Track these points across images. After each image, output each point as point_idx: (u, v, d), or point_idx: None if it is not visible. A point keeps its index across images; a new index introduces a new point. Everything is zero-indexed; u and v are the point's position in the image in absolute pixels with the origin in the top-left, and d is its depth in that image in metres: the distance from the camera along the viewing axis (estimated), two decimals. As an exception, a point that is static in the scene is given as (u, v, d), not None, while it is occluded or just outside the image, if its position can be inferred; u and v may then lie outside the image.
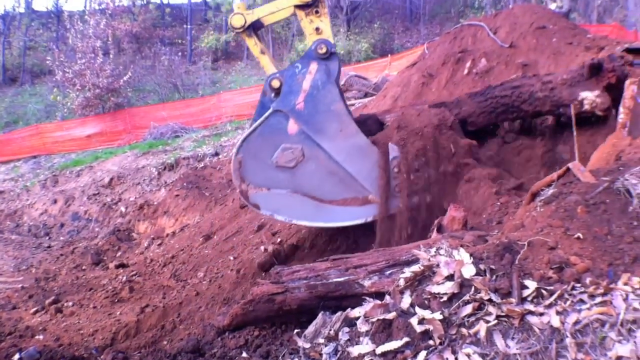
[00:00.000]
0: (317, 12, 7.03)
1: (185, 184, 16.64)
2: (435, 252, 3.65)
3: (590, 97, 6.26)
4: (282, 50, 43.85)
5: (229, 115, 29.52)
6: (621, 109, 5.44)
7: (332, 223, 6.96)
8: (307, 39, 7.17)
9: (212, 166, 18.80)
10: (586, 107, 6.36)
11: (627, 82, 5.50)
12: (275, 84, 6.86)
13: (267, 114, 6.74)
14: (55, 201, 20.99)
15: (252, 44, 7.34)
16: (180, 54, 43.58)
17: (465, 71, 10.38)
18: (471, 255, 3.41)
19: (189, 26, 51.05)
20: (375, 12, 49.14)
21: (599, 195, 3.62)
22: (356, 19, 43.89)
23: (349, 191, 6.70)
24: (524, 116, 7.25)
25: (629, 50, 8.14)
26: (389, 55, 31.35)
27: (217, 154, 20.71)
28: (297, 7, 7.06)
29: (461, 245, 3.71)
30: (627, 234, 3.32)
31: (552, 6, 17.27)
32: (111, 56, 34.59)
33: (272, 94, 6.95)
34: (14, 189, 23.74)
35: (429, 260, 3.53)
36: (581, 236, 3.35)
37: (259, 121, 6.78)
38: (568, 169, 4.06)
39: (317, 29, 6.99)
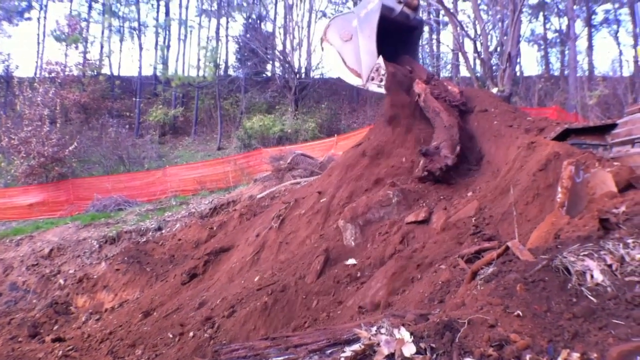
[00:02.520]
0: None
1: (126, 258, 16.29)
2: (376, 330, 3.60)
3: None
4: (230, 127, 44.12)
5: (174, 189, 29.34)
6: (559, 189, 5.56)
7: (342, 75, 12.80)
8: None
9: (155, 241, 18.50)
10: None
11: (565, 163, 5.64)
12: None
13: (351, 10, 13.71)
14: (-8, 270, 20.33)
15: None
16: (127, 126, 43.41)
17: (409, 150, 10.61)
18: (412, 333, 3.36)
19: (137, 99, 51.04)
20: (322, 93, 50.05)
21: (538, 273, 3.66)
22: (304, 99, 44.52)
23: (356, 65, 12.41)
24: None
25: (568, 131, 8.42)
26: (336, 135, 31.76)
27: (160, 229, 20.44)
28: None
29: (402, 324, 3.67)
30: (567, 311, 3.34)
31: (494, 90, 17.86)
32: (58, 125, 34.14)
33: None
34: (-49, 257, 22.94)
35: (369, 339, 3.47)
36: (521, 314, 3.36)
37: (347, 12, 14.02)
38: (507, 248, 4.09)
39: None
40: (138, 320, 11.23)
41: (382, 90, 12.03)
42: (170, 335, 9.27)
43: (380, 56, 12.08)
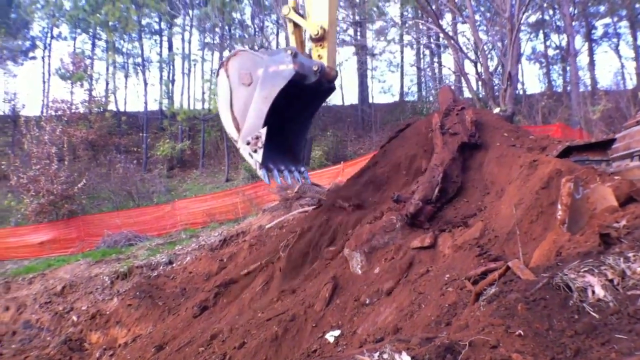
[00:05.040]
0: (321, 45, 11.07)
1: (138, 293, 16.32)
2: (378, 356, 3.60)
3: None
4: (237, 158, 44.23)
5: (184, 223, 29.40)
6: (559, 206, 5.56)
7: (222, 117, 11.26)
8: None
9: (166, 275, 18.53)
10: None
11: (563, 180, 5.65)
12: (289, 52, 10.36)
13: (262, 55, 10.88)
14: (7, 308, 20.35)
15: (290, 26, 11.73)
16: (135, 161, 43.65)
17: (412, 177, 10.62)
18: (413, 357, 3.37)
19: (144, 134, 51.33)
20: (327, 121, 50.31)
21: (539, 291, 3.66)
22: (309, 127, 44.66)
23: (240, 117, 10.83)
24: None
25: (570, 148, 8.43)
26: (342, 162, 31.82)
27: (170, 263, 20.46)
28: (310, 39, 11.14)
29: (407, 349, 3.67)
30: (568, 328, 3.34)
31: (496, 110, 17.90)
32: (66, 163, 34.44)
33: (290, 59, 10.31)
34: (-34, 295, 23.00)
35: (371, 365, 3.48)
36: (522, 333, 3.36)
37: (259, 53, 11.20)
38: (508, 268, 4.10)
39: (319, 55, 11.01)
40: (151, 355, 11.24)
41: (251, 161, 10.60)
42: (182, 370, 9.27)
43: (266, 127, 10.28)
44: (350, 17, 55.03)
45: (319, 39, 11.03)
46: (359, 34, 56.42)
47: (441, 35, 31.24)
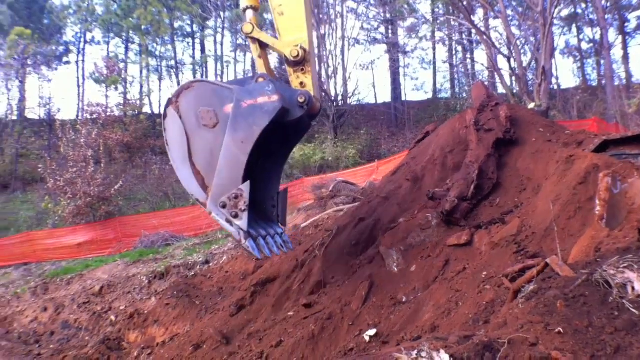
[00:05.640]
0: (302, 69, 8.84)
1: (175, 292, 16.47)
2: (416, 354, 3.61)
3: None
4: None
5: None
6: (597, 202, 5.51)
7: (179, 173, 8.67)
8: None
9: (203, 274, 18.66)
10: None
11: (601, 175, 5.60)
12: (260, 80, 8.51)
13: (229, 85, 8.53)
14: (45, 309, 20.61)
15: (254, 48, 9.08)
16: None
17: (448, 173, 10.55)
18: (452, 356, 3.37)
19: (179, 136, 51.63)
20: (361, 119, 50.17)
21: (578, 288, 3.63)
22: (343, 126, 44.65)
23: (206, 171, 8.43)
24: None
25: (607, 142, 8.32)
26: (376, 160, 31.74)
27: (207, 262, 20.57)
28: (287, 64, 8.94)
29: (445, 347, 3.67)
30: (608, 325, 3.31)
31: (531, 105, 17.70)
32: (102, 165, 34.74)
33: (255, 80, 8.61)
34: (4, 296, 23.31)
35: (409, 363, 3.49)
36: (562, 330, 3.34)
37: (223, 83, 8.79)
38: (547, 264, 4.08)
39: (301, 83, 8.80)
40: (189, 353, 11.33)
41: (230, 229, 8.03)
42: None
43: (248, 183, 7.89)
44: (381, 15, 55.02)
45: (298, 62, 8.77)
46: (390, 31, 56.31)
47: (473, 31, 30.96)
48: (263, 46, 9.07)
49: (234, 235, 8.10)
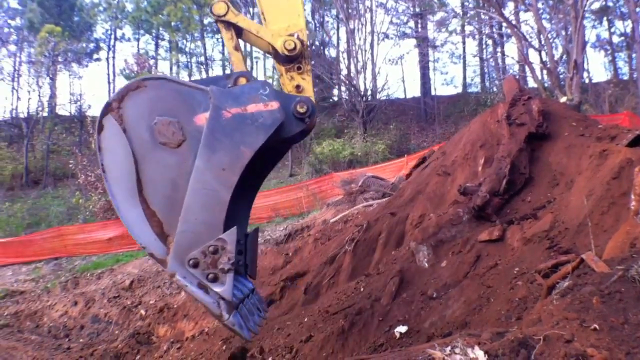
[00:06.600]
0: (299, 68, 6.44)
1: (205, 287, 16.55)
2: (450, 350, 3.58)
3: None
4: (301, 153, 44.43)
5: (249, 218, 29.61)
6: (632, 197, 5.43)
7: (123, 214, 5.87)
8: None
9: (232, 269, 18.76)
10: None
11: (636, 170, 5.51)
12: (242, 81, 6.17)
13: (201, 86, 5.86)
14: (75, 303, 20.88)
15: (228, 37, 6.56)
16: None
17: (479, 168, 10.46)
18: (486, 352, 3.34)
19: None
20: (390, 114, 50.06)
21: (614, 284, 3.58)
22: (372, 121, 44.55)
23: (166, 212, 5.74)
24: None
25: (639, 137, 8.19)
26: (406, 155, 31.63)
27: (236, 257, 20.70)
28: (276, 60, 6.59)
29: (478, 343, 3.64)
30: (645, 322, 3.27)
31: (563, 99, 17.49)
32: (134, 160, 35.04)
33: (230, 85, 6.15)
34: (34, 290, 23.65)
35: (443, 359, 3.46)
36: (597, 327, 3.30)
37: (191, 82, 6.02)
38: (582, 260, 4.03)
39: (297, 86, 6.38)
40: (218, 348, 11.38)
41: (204, 298, 5.46)
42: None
43: (235, 229, 5.50)
44: (410, 9, 54.75)
45: (294, 58, 6.42)
46: (419, 25, 56.05)
47: (504, 24, 30.71)
48: (240, 35, 6.66)
49: (209, 307, 5.47)
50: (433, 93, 58.94)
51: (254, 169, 6.23)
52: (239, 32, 6.62)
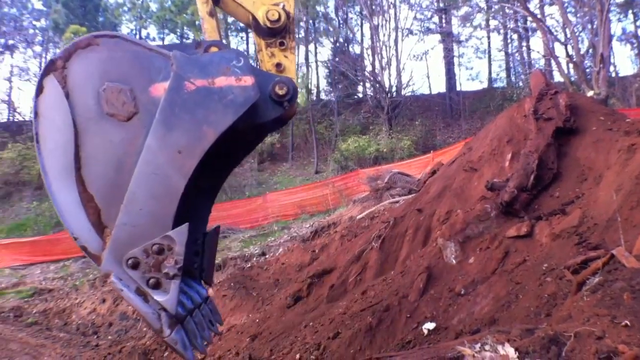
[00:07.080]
0: (282, 43, 5.36)
1: (232, 284, 16.65)
2: (480, 347, 3.58)
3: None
4: (326, 150, 44.44)
5: (275, 215, 29.83)
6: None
7: (54, 194, 4.54)
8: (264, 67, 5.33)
9: (259, 266, 18.85)
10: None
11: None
12: (214, 50, 4.94)
13: (163, 50, 4.66)
14: (103, 300, 21.08)
15: (202, 1, 5.54)
16: (226, 156, 44.50)
17: (506, 163, 10.40)
18: (516, 349, 3.34)
19: (234, 130, 52.05)
20: (415, 110, 49.92)
21: (645, 280, 3.56)
22: (397, 117, 44.46)
23: (106, 197, 4.55)
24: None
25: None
26: (432, 151, 31.55)
27: (263, 254, 20.81)
28: (256, 32, 5.50)
29: (507, 340, 3.63)
30: (677, 319, 3.24)
31: (590, 93, 17.35)
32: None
33: (201, 52, 4.94)
34: (63, 288, 23.94)
35: (473, 356, 3.46)
36: (629, 323, 3.28)
37: (152, 45, 4.80)
38: (612, 256, 4.00)
39: (277, 65, 5.28)
40: (246, 344, 11.41)
41: (142, 308, 4.29)
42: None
43: (187, 226, 4.34)
44: (434, 4, 54.52)
45: (277, 32, 5.34)
46: (444, 21, 55.80)
47: (529, 18, 30.48)
48: (217, 1, 5.75)
49: (147, 319, 4.35)
50: (458, 88, 58.65)
51: (219, 156, 5.09)
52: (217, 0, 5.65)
